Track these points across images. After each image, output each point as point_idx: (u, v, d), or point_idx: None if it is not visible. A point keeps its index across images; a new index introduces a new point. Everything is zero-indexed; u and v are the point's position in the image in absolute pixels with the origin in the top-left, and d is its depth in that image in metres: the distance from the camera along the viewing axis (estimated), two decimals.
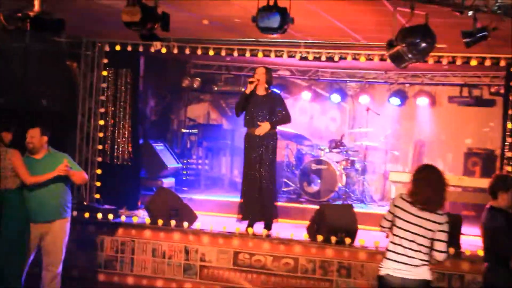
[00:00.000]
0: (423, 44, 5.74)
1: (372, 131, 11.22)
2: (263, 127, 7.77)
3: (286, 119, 7.99)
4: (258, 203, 7.81)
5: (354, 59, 8.73)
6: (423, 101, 11.54)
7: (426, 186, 4.73)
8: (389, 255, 4.83)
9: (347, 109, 12.18)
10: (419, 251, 4.74)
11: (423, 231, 4.73)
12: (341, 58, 8.76)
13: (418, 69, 10.74)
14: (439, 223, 4.74)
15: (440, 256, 4.77)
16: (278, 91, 9.42)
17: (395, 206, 4.85)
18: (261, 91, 7.91)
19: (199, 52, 9.06)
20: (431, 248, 4.77)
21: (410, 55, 5.83)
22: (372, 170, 11.57)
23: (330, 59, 8.79)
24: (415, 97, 11.65)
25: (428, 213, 4.73)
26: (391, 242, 4.85)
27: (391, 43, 6.00)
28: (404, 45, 5.78)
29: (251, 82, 7.76)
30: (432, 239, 4.75)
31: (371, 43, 8.45)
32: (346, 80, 11.94)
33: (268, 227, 7.88)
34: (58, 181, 6.40)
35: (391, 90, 11.71)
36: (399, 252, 4.77)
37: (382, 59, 8.47)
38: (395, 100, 11.57)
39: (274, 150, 7.91)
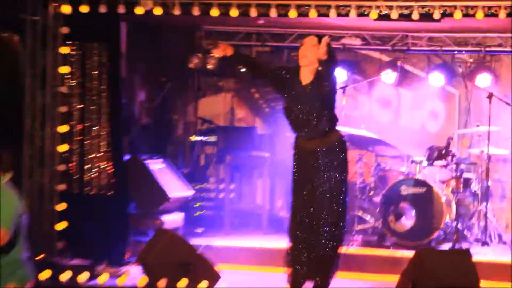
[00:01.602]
0: None
1: (499, 132, 11.16)
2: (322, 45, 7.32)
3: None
4: (313, 252, 7.73)
5: (466, 15, 8.71)
6: None
7: None
8: None
9: (457, 96, 12.22)
10: None
11: None
12: (444, 14, 8.75)
13: None
14: None
15: None
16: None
17: None
18: (306, 77, 7.60)
19: (214, 12, 9.05)
20: None
21: None
22: (500, 193, 11.56)
23: (426, 16, 8.80)
24: None
25: None
26: None
27: None
28: None
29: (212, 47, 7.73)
30: None
31: None
32: (454, 51, 11.96)
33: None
34: None
35: None
36: None
37: None
38: None
39: (342, 167, 7.71)
